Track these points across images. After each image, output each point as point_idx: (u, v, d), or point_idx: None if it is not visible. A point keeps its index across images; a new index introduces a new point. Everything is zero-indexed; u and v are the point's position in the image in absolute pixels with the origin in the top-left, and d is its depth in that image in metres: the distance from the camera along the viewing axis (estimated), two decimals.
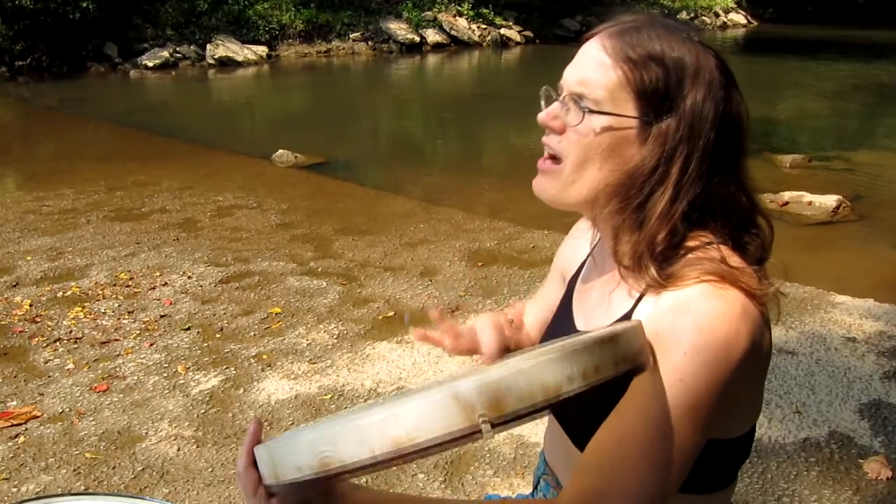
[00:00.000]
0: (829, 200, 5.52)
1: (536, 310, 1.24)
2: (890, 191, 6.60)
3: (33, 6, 13.74)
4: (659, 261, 0.87)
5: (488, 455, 2.64)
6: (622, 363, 0.74)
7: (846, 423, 2.78)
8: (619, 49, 0.88)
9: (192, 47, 15.95)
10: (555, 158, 0.93)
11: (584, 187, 0.91)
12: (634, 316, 0.90)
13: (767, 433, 2.71)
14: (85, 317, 3.80)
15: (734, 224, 0.90)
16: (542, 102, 0.95)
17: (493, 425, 0.65)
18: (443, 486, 2.49)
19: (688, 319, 0.82)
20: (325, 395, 3.05)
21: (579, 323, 1.03)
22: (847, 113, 10.69)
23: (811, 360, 3.23)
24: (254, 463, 0.79)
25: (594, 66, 0.89)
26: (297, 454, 0.70)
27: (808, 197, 5.61)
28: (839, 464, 2.56)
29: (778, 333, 3.46)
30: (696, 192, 0.87)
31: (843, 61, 15.94)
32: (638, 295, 0.91)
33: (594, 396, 0.88)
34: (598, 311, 0.98)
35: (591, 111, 0.88)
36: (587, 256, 1.09)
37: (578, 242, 1.14)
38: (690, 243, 0.88)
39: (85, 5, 14.10)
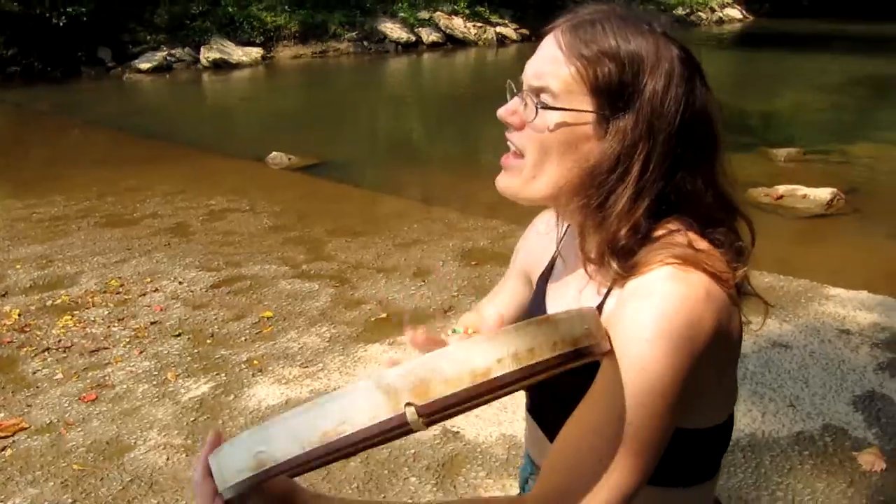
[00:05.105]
0: (824, 193, 5.52)
1: (499, 305, 1.20)
2: (884, 184, 6.60)
3: (18, 10, 13.66)
4: (621, 255, 0.85)
5: (480, 456, 2.62)
6: (561, 345, 0.70)
7: (840, 416, 2.76)
8: (572, 45, 0.86)
9: (186, 50, 15.92)
10: (518, 154, 0.92)
11: (544, 184, 0.90)
12: (604, 311, 0.88)
13: (761, 427, 2.69)
14: (74, 325, 3.77)
15: (702, 222, 0.87)
16: (508, 96, 0.93)
17: (424, 415, 0.64)
18: (435, 488, 2.47)
19: (649, 304, 0.79)
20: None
21: None
22: (842, 106, 10.66)
23: (805, 353, 3.21)
24: (210, 473, 0.79)
25: (548, 62, 0.88)
26: (236, 456, 0.71)
27: (802, 190, 5.60)
28: (833, 456, 2.54)
29: (772, 327, 3.44)
30: (660, 188, 0.85)
31: (839, 55, 15.92)
32: (605, 290, 0.89)
33: (562, 392, 0.86)
34: None
35: (546, 107, 0.87)
36: (554, 254, 1.07)
37: (542, 241, 1.11)
38: (657, 233, 0.86)
39: (71, 10, 14.03)
